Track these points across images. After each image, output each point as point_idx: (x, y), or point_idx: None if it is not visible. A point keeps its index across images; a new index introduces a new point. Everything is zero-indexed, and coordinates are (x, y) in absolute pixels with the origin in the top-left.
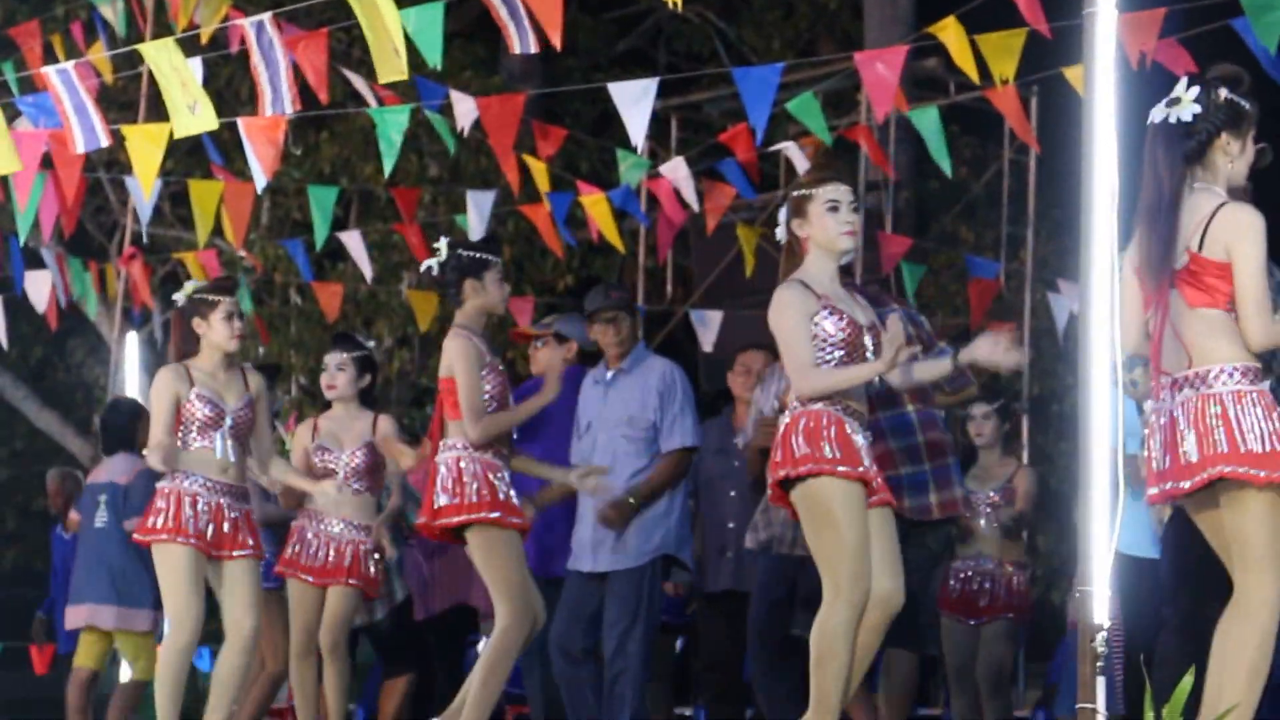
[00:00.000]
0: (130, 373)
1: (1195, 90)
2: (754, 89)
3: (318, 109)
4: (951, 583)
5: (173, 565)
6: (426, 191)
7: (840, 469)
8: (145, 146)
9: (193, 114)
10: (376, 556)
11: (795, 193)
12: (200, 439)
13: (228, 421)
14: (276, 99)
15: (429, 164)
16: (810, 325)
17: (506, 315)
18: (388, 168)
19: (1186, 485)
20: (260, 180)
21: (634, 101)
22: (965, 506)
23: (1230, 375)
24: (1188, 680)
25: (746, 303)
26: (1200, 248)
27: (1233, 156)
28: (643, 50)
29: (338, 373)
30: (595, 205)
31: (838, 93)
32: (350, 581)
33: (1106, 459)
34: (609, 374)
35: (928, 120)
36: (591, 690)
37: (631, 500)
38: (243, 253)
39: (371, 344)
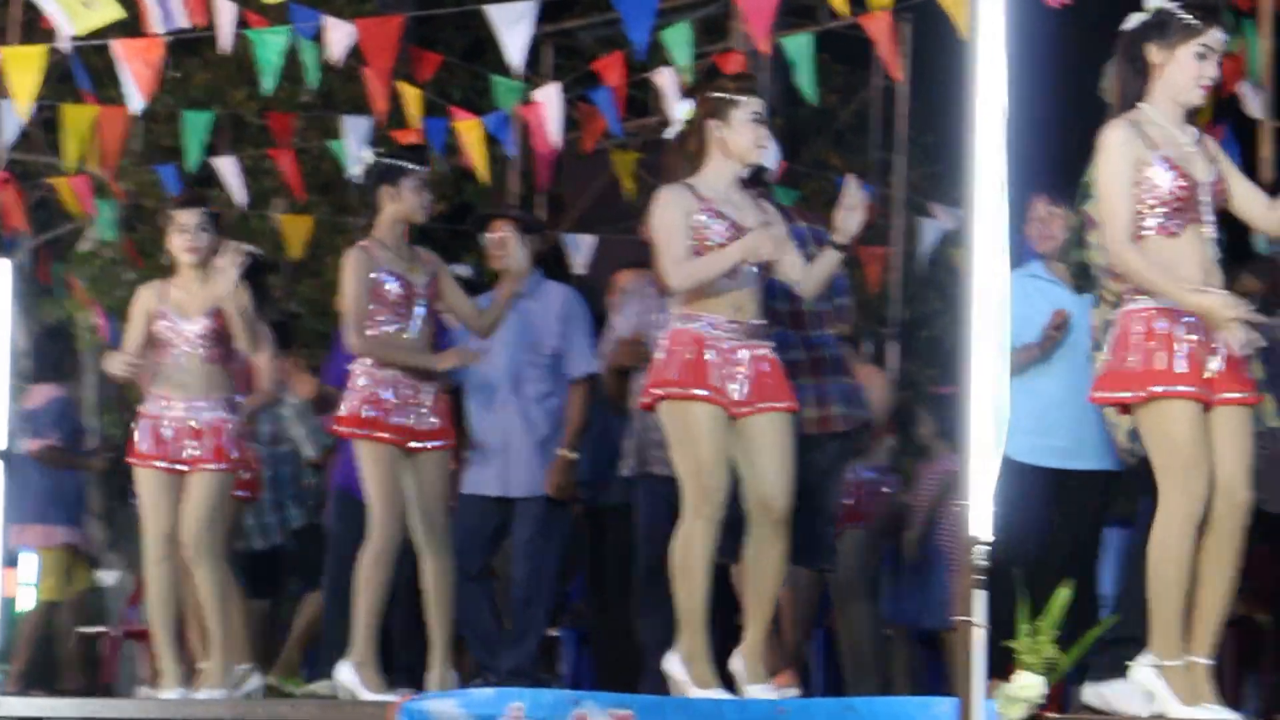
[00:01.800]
0: (2, 297)
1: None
2: (633, 7)
3: (195, 32)
4: None
5: None
6: (300, 118)
7: (688, 390)
8: (22, 68)
9: (90, 9)
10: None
11: (719, 95)
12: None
13: None
14: (167, 16)
15: (300, 91)
16: (688, 225)
17: None
18: (267, 86)
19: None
20: (136, 103)
21: (512, 24)
22: (845, 424)
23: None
24: (1064, 592)
25: (620, 227)
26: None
27: (1166, 64)
28: None
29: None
30: (469, 131)
31: (707, 21)
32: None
33: (991, 368)
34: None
35: (800, 48)
36: (489, 607)
37: (570, 455)
38: (105, 175)
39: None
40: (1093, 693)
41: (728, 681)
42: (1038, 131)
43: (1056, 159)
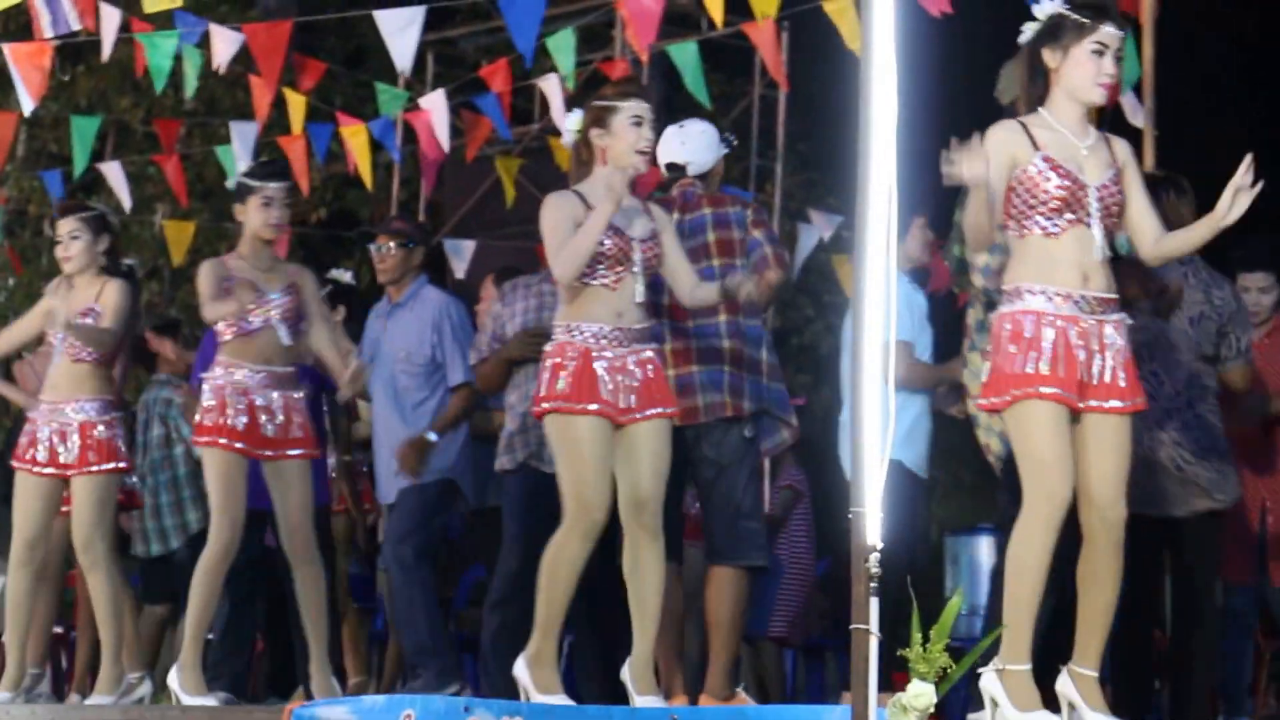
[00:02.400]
0: None
1: (1051, 5)
2: (519, 15)
3: (82, 37)
4: None
5: None
6: (185, 124)
7: (566, 405)
8: None
9: None
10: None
11: (599, 102)
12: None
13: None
14: (56, 21)
15: (185, 99)
16: (574, 229)
17: None
18: (158, 86)
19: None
20: (27, 105)
21: (399, 30)
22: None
23: (1024, 295)
24: (956, 600)
25: (500, 234)
26: None
27: (1057, 66)
28: None
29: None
30: (354, 137)
31: (590, 29)
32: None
33: (878, 375)
34: (388, 307)
35: (686, 55)
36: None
37: (429, 438)
38: None
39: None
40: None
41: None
42: (920, 139)
43: (932, 168)
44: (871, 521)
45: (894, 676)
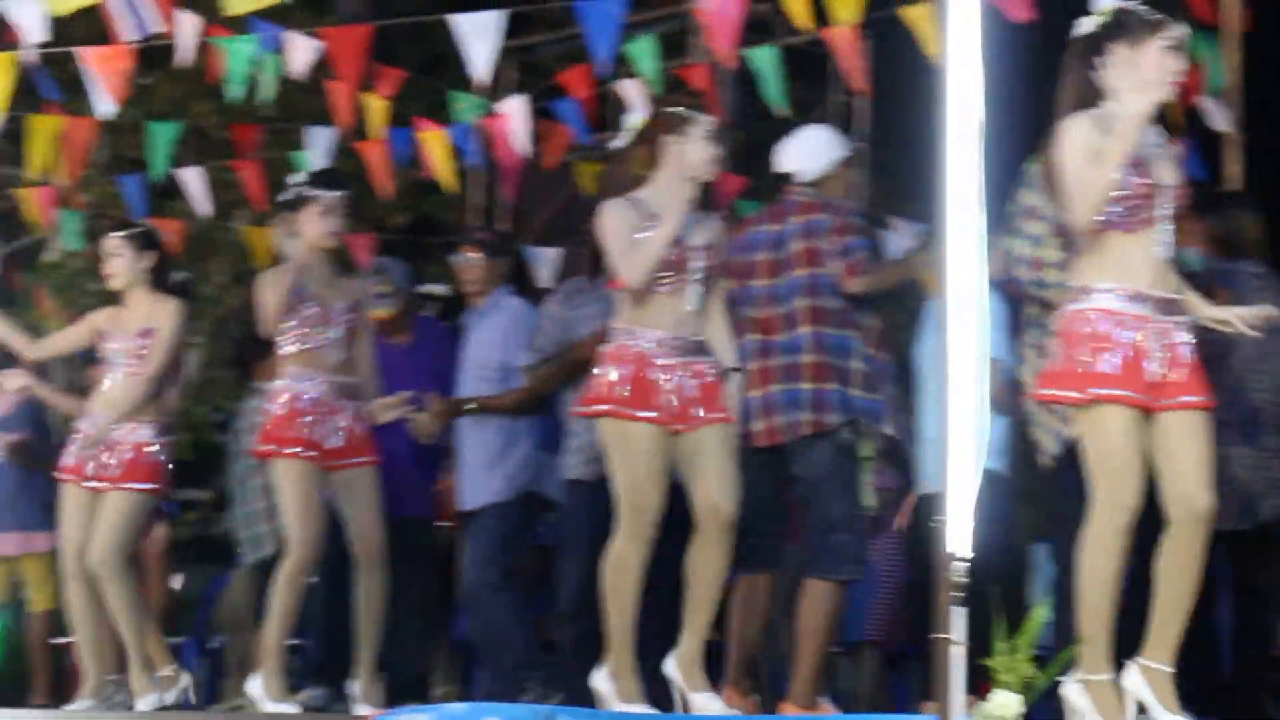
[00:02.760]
0: None
1: (1112, 3)
2: (598, 21)
3: (159, 42)
4: None
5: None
6: (263, 131)
7: (624, 410)
8: None
9: None
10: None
11: (676, 111)
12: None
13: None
14: (138, 24)
15: (263, 104)
16: (634, 236)
17: None
18: (236, 94)
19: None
20: (105, 109)
21: (478, 35)
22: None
23: (1092, 292)
24: (1040, 611)
25: (583, 241)
26: None
27: (1126, 64)
28: None
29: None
30: (434, 142)
31: (671, 36)
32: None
33: (972, 385)
34: (470, 317)
35: (765, 60)
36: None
37: (466, 403)
38: (68, 185)
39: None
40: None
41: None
42: (1005, 146)
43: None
44: (957, 531)
45: (980, 686)
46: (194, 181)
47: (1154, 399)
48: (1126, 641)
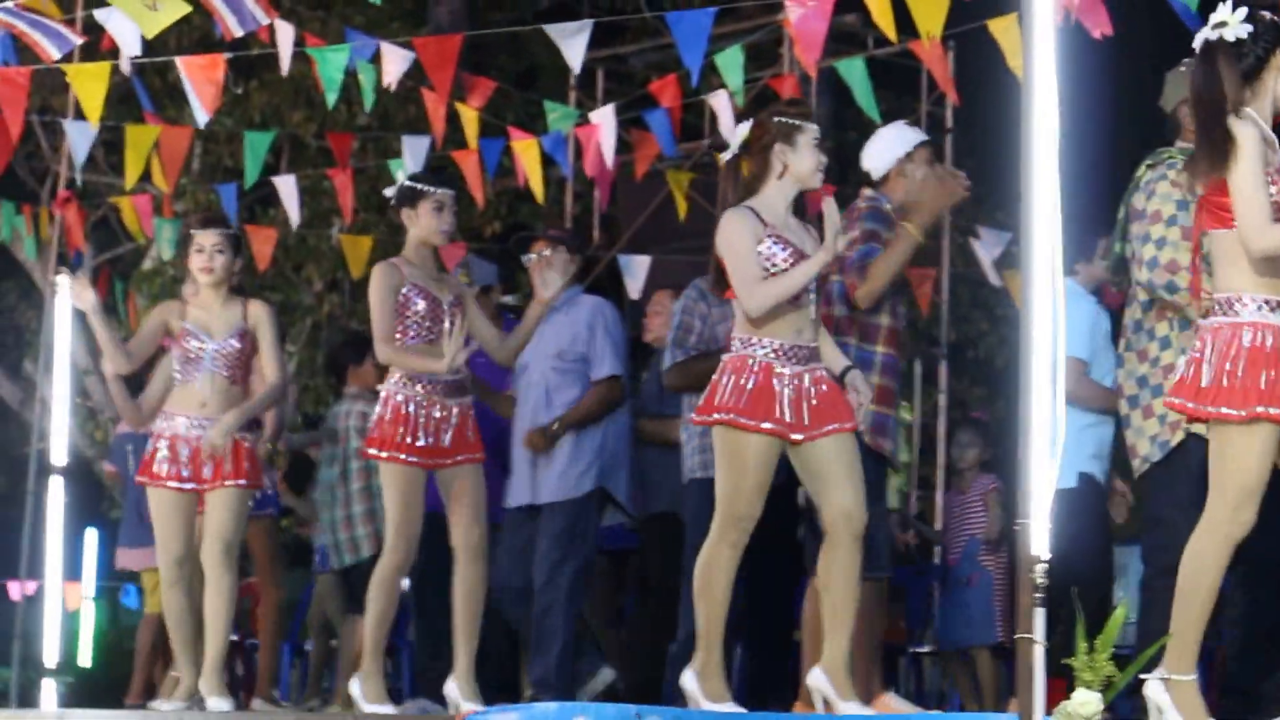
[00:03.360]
0: (61, 315)
1: (1241, 11)
2: (687, 32)
3: (254, 52)
4: None
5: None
6: (358, 138)
7: (743, 420)
8: (89, 84)
9: (156, 11)
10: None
11: (785, 120)
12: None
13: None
14: (244, 19)
15: (357, 113)
16: (756, 248)
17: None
18: (331, 101)
19: (1191, 406)
20: (201, 117)
21: (570, 36)
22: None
23: (1245, 305)
24: (1122, 609)
25: (674, 248)
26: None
27: None
28: (569, 5)
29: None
30: (525, 151)
31: (758, 46)
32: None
33: (1046, 390)
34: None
35: (854, 71)
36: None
37: (556, 425)
38: (166, 192)
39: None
40: None
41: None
42: (1086, 158)
43: (1104, 184)
44: (1037, 532)
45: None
46: (288, 189)
47: None
48: None
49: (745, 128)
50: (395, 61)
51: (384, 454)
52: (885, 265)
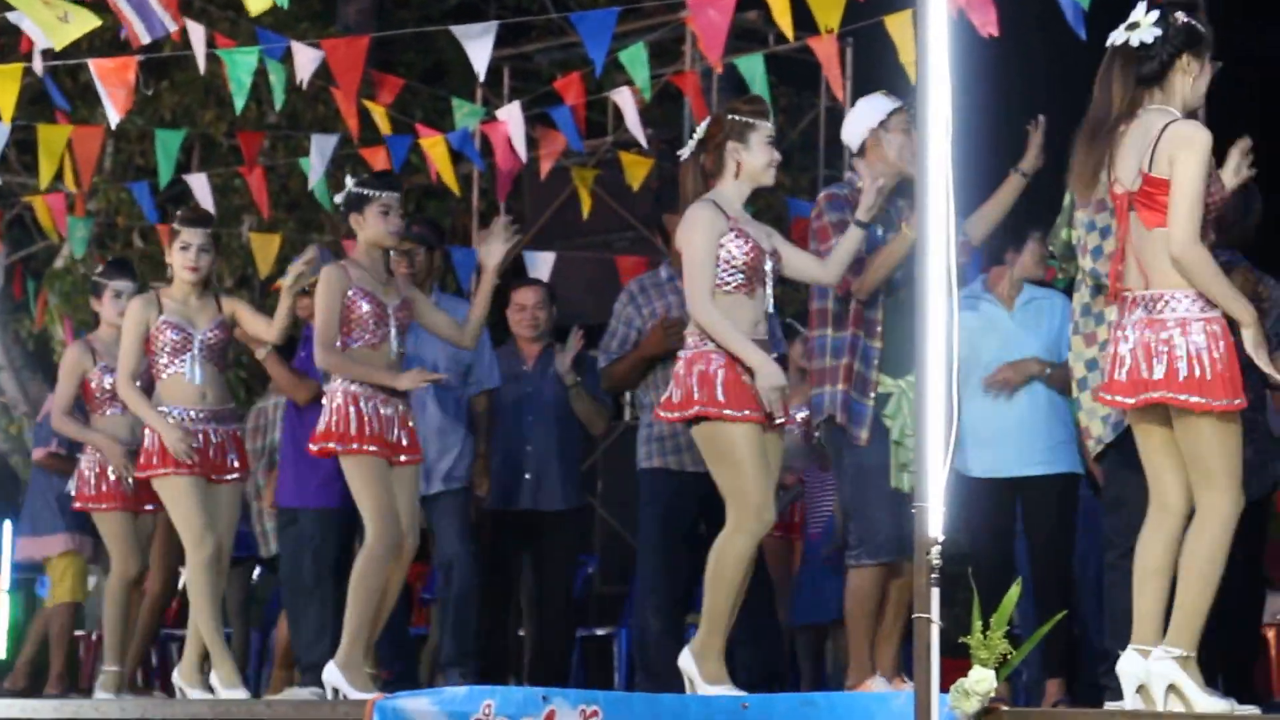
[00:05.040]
0: None
1: (1154, 14)
2: (592, 29)
3: (165, 54)
4: None
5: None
6: (268, 137)
7: (727, 412)
8: (1, 86)
9: (67, 23)
10: None
11: (739, 117)
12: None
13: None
14: (152, 25)
15: (267, 111)
16: (717, 247)
17: None
18: (239, 105)
19: (1131, 401)
20: (113, 118)
21: (474, 39)
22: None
23: (1180, 301)
24: (1015, 590)
25: (578, 244)
26: (1150, 167)
27: (1193, 75)
28: (474, 5)
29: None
30: (434, 148)
31: (660, 44)
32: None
33: (941, 377)
34: None
35: (753, 69)
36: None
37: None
38: (74, 193)
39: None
40: None
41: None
42: (974, 154)
43: (992, 181)
44: (934, 515)
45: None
46: (200, 187)
47: None
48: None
49: (703, 125)
50: (305, 61)
51: (341, 447)
52: (884, 262)
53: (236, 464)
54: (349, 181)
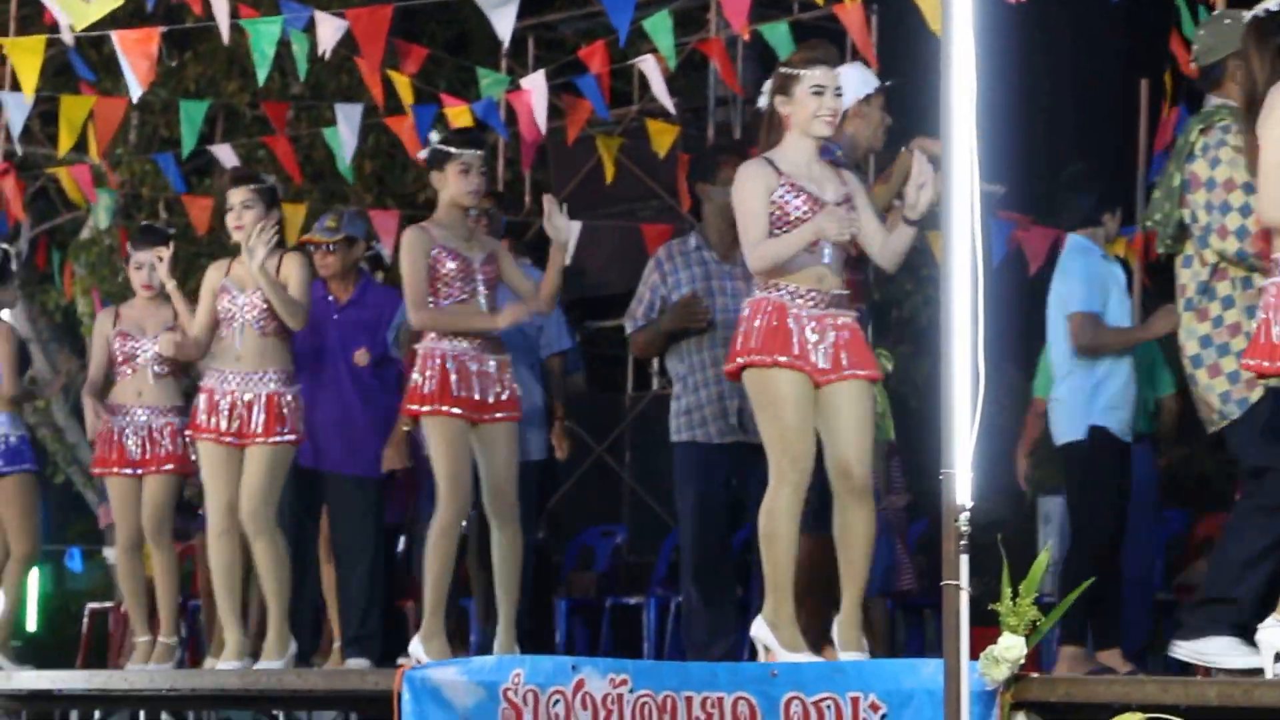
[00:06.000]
0: None
1: None
2: None
3: (188, 24)
4: None
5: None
6: (291, 107)
7: (764, 359)
8: (25, 57)
9: (88, 2)
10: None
11: (783, 70)
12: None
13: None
14: None
15: (290, 82)
16: (768, 202)
17: None
18: (261, 77)
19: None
20: (135, 90)
21: (499, 7)
22: None
23: None
24: (1044, 556)
25: (603, 213)
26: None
27: None
28: None
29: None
30: (458, 117)
31: (685, 12)
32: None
33: (967, 344)
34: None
35: (779, 35)
36: None
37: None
38: (102, 163)
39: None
40: (1187, 649)
41: None
42: (1001, 121)
43: (1021, 149)
44: (961, 481)
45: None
46: (226, 157)
47: None
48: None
49: (769, 83)
50: (329, 31)
51: (425, 408)
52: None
53: (263, 429)
54: (432, 137)
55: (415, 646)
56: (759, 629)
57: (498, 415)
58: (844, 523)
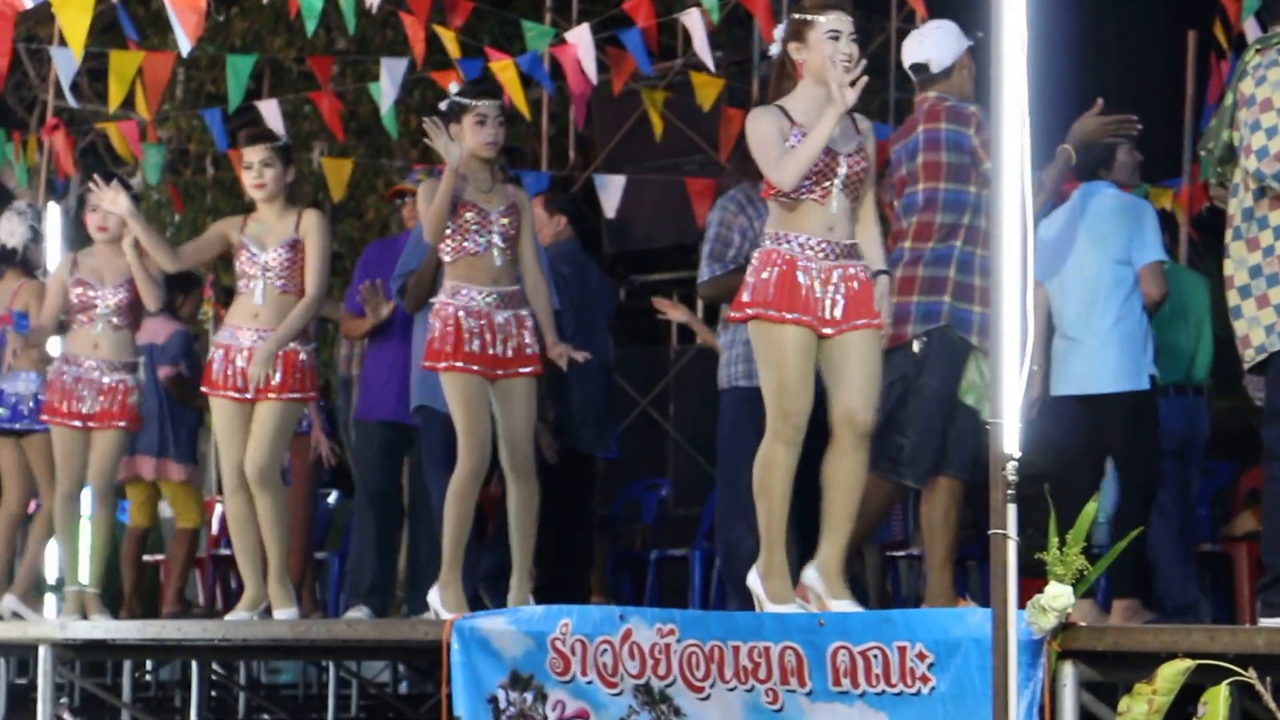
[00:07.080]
0: (52, 241)
1: None
2: None
3: None
4: None
5: None
6: (337, 62)
7: (770, 313)
8: (73, 13)
9: None
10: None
11: (797, 16)
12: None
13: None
14: None
15: (336, 38)
16: (783, 143)
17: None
18: (309, 30)
19: None
20: (184, 45)
21: None
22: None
23: None
24: (1092, 505)
25: (648, 167)
26: None
27: None
28: None
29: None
30: (503, 71)
31: None
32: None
33: (1016, 293)
34: None
35: None
36: None
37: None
38: (147, 119)
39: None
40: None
41: None
42: (1043, 74)
43: (1066, 102)
44: (1009, 431)
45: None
46: (271, 113)
47: None
48: None
49: (780, 29)
50: None
51: (441, 365)
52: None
53: (277, 384)
54: (451, 89)
55: (433, 596)
56: (753, 580)
57: (517, 370)
58: (838, 466)
